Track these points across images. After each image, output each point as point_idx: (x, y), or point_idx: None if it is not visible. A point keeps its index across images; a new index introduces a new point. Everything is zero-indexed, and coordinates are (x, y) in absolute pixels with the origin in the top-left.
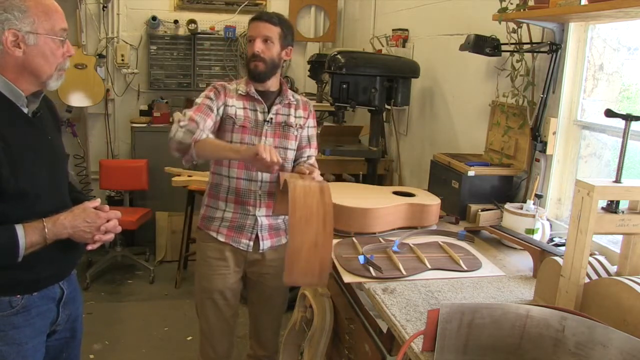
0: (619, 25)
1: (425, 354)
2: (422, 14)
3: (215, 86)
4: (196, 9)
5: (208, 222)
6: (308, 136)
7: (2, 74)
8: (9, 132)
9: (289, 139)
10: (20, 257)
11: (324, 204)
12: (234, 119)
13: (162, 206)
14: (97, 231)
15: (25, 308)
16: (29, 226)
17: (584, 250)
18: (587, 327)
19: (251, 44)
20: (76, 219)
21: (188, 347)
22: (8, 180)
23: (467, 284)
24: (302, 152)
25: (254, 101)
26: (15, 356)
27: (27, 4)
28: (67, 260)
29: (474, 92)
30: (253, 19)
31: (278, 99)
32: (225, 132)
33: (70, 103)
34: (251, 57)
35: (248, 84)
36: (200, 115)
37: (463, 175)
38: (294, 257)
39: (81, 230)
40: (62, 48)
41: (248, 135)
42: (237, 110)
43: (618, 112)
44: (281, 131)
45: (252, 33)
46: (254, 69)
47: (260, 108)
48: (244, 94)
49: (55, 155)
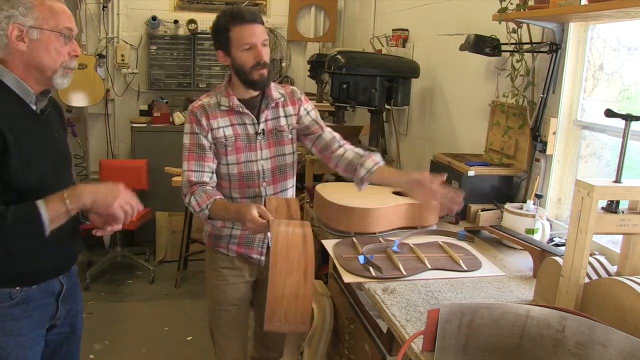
0: (619, 25)
1: (425, 354)
2: (422, 14)
3: (193, 113)
4: (196, 9)
5: (215, 240)
6: (313, 120)
7: (12, 70)
8: (18, 127)
9: (285, 144)
10: (47, 230)
11: (306, 254)
12: (225, 142)
13: (162, 206)
14: (119, 198)
15: (24, 300)
16: (48, 198)
17: (584, 250)
18: (587, 327)
19: (251, 51)
20: (96, 186)
21: (188, 347)
22: (17, 173)
23: (467, 284)
24: (320, 137)
25: (240, 114)
26: (13, 347)
27: (33, 1)
28: (67, 254)
29: (474, 92)
30: (241, 21)
31: (264, 103)
32: (220, 156)
33: (70, 103)
34: (255, 66)
35: (229, 96)
36: (197, 164)
37: (463, 175)
38: (275, 308)
39: (102, 196)
40: (67, 46)
41: (243, 153)
42: (224, 130)
43: (618, 112)
44: (275, 139)
45: (251, 40)
46: (260, 78)
47: (249, 120)
48: (227, 109)
49: (61, 154)
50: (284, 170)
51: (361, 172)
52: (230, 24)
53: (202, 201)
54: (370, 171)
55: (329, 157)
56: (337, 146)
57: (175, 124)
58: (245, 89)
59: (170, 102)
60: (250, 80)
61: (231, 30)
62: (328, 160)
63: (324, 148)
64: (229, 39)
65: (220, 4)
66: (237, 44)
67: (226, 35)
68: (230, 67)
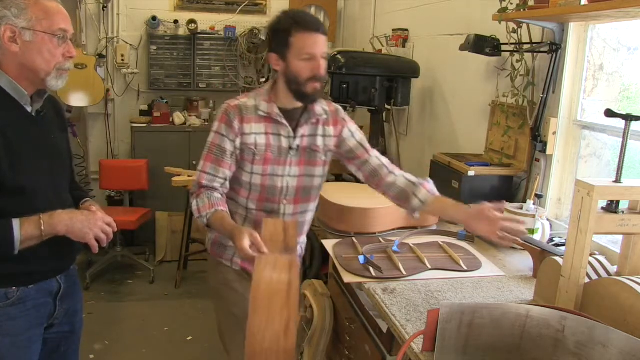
0: (619, 25)
1: (425, 354)
2: (422, 14)
3: (227, 112)
4: (196, 9)
5: (219, 249)
6: (358, 143)
7: (6, 72)
8: (10, 129)
9: (316, 165)
10: (16, 250)
11: (289, 306)
12: (254, 150)
13: (162, 206)
14: (94, 229)
15: (21, 300)
16: (25, 220)
17: (584, 250)
18: (587, 327)
19: (310, 62)
20: (73, 215)
21: (188, 347)
22: (6, 174)
23: (467, 284)
24: (367, 163)
25: (277, 124)
26: (9, 347)
27: (26, 2)
28: (65, 255)
29: (474, 92)
30: (306, 28)
31: (304, 117)
32: (244, 163)
33: (70, 103)
34: (311, 78)
35: (270, 102)
36: (212, 167)
37: (463, 175)
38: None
39: (77, 227)
40: (61, 47)
41: (270, 165)
42: (257, 138)
43: (618, 112)
44: (307, 157)
45: (312, 50)
46: (312, 92)
47: (285, 132)
48: (265, 115)
49: (57, 155)
50: (309, 192)
51: (414, 202)
52: (293, 28)
53: (203, 208)
54: (424, 202)
55: (378, 184)
56: (387, 172)
57: (175, 124)
58: (291, 99)
59: (170, 102)
60: (302, 92)
61: (293, 36)
62: (376, 187)
63: (372, 175)
64: (289, 44)
65: (220, 4)
66: (296, 52)
67: (286, 39)
68: (281, 73)
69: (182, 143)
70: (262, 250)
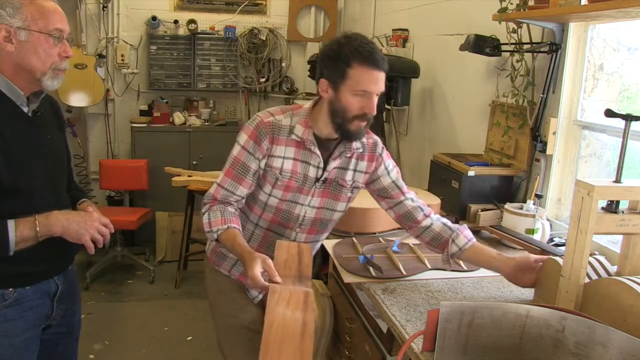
0: (619, 25)
1: (425, 354)
2: (422, 14)
3: (258, 129)
4: (196, 9)
5: (218, 258)
6: (393, 182)
7: (1, 72)
8: (6, 129)
9: (340, 200)
10: (11, 251)
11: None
12: (277, 175)
13: (162, 206)
14: (90, 230)
15: (18, 301)
16: (20, 220)
17: (584, 250)
18: (587, 327)
19: (363, 99)
20: (69, 216)
21: (188, 347)
22: (3, 175)
23: (467, 284)
24: (401, 204)
25: (309, 153)
26: (7, 348)
27: (22, 1)
28: (62, 256)
29: (474, 92)
30: (368, 62)
31: (339, 149)
32: (264, 183)
33: (70, 103)
34: (359, 116)
35: (307, 127)
36: (231, 184)
37: (463, 175)
38: None
39: (73, 227)
40: (56, 47)
41: (292, 193)
42: (284, 163)
43: (618, 112)
44: (332, 190)
45: (368, 87)
46: (356, 130)
47: (315, 162)
48: (298, 140)
49: (54, 155)
50: (326, 225)
51: (452, 248)
52: (353, 59)
53: (215, 223)
54: (462, 249)
55: (411, 227)
56: (423, 216)
57: (175, 124)
58: (330, 130)
59: (170, 102)
60: (345, 128)
61: (352, 67)
62: (409, 229)
63: (406, 217)
64: (345, 75)
65: (220, 4)
66: (351, 85)
67: (343, 69)
68: (327, 101)
69: (182, 143)
70: (275, 280)
